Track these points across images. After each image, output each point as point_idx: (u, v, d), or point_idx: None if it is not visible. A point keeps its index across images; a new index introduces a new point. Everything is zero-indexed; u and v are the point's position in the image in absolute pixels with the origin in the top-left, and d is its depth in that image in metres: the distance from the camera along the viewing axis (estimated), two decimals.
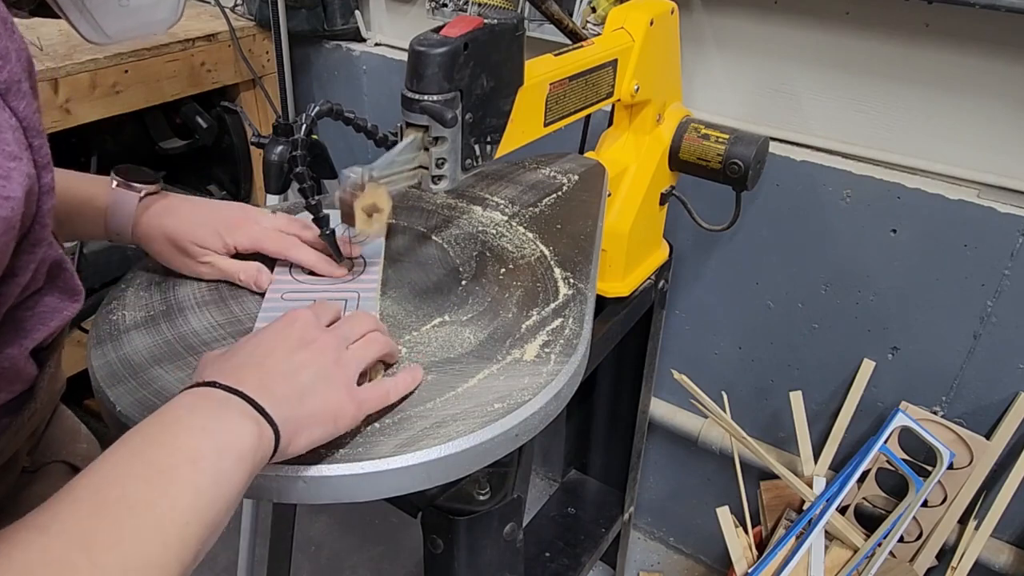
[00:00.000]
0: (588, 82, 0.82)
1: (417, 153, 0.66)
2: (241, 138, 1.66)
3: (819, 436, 1.33)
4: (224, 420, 0.46)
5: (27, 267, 0.37)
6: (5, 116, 0.33)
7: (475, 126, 0.67)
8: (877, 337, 1.23)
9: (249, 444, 0.46)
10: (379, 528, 1.73)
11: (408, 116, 0.64)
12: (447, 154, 0.65)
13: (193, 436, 0.44)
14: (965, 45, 1.02)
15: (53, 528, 0.37)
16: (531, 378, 0.61)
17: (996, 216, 1.05)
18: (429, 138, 0.64)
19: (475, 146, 0.68)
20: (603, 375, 1.37)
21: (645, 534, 1.75)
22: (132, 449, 0.43)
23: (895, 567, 1.23)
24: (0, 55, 0.34)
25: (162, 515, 0.40)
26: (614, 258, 1.00)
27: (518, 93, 0.71)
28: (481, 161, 0.69)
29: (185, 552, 0.41)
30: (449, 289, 0.74)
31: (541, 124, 0.78)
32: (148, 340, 0.65)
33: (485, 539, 0.75)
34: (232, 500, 0.45)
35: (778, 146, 1.19)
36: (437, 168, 0.66)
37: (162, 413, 0.46)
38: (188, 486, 0.42)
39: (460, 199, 0.91)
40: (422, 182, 0.67)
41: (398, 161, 0.64)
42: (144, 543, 0.39)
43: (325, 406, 0.52)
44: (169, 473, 0.42)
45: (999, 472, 1.17)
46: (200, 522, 0.42)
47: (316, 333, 0.55)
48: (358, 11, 1.59)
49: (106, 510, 0.39)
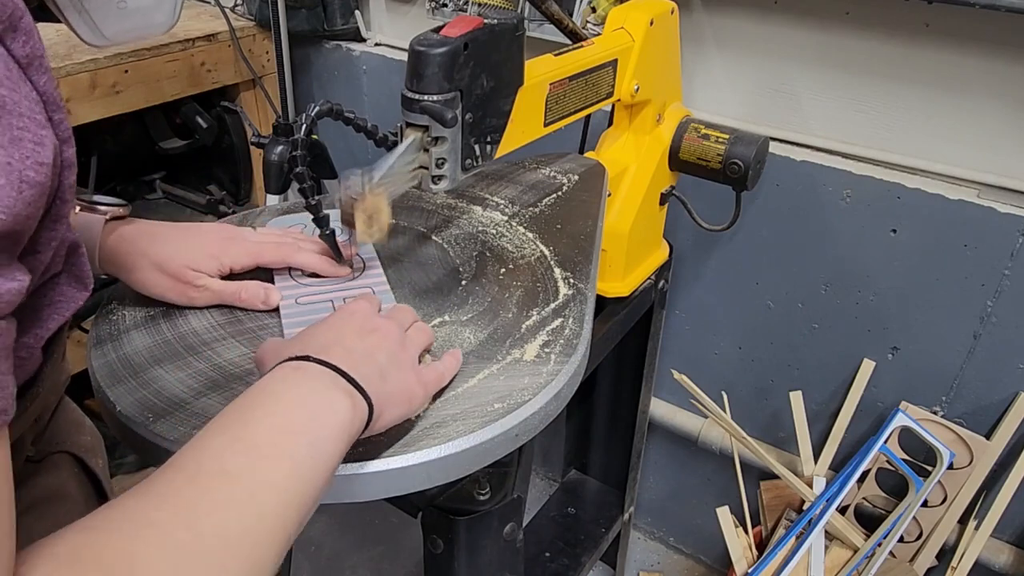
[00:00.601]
0: (588, 82, 0.82)
1: (417, 154, 0.66)
2: (241, 138, 1.66)
3: (819, 436, 1.33)
4: (320, 392, 0.47)
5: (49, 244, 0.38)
6: (27, 89, 0.34)
7: (475, 126, 0.67)
8: (877, 337, 1.23)
9: (345, 417, 0.47)
10: (379, 528, 1.73)
11: (408, 116, 0.64)
12: (447, 154, 0.65)
13: (290, 408, 0.45)
14: (965, 45, 1.02)
15: (155, 497, 0.39)
16: (531, 378, 0.61)
17: (996, 216, 1.05)
18: (429, 138, 0.64)
19: (475, 146, 0.68)
20: (603, 375, 1.37)
21: (645, 534, 1.75)
22: (229, 423, 0.44)
23: (895, 567, 1.23)
24: (25, 29, 0.34)
25: (259, 486, 0.41)
26: (614, 258, 1.00)
27: (518, 93, 0.71)
28: (481, 161, 0.69)
29: (283, 522, 0.41)
30: (449, 289, 0.74)
31: (541, 124, 0.78)
32: (148, 340, 0.65)
33: (485, 539, 0.75)
34: (329, 472, 0.45)
35: (778, 146, 1.19)
36: (437, 168, 0.66)
37: (257, 387, 0.47)
38: (285, 458, 0.43)
39: (460, 199, 0.91)
40: (422, 182, 0.67)
41: (398, 165, 0.64)
42: (241, 513, 0.39)
43: (401, 386, 0.54)
44: (266, 445, 0.43)
45: (999, 472, 1.17)
46: (298, 493, 0.42)
47: (378, 321, 0.57)
48: (358, 11, 1.59)
49: (205, 481, 0.40)
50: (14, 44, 0.34)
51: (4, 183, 0.32)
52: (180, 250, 0.67)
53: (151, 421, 0.56)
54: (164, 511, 0.38)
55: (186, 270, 0.67)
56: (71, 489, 0.61)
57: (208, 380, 0.60)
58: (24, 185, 0.33)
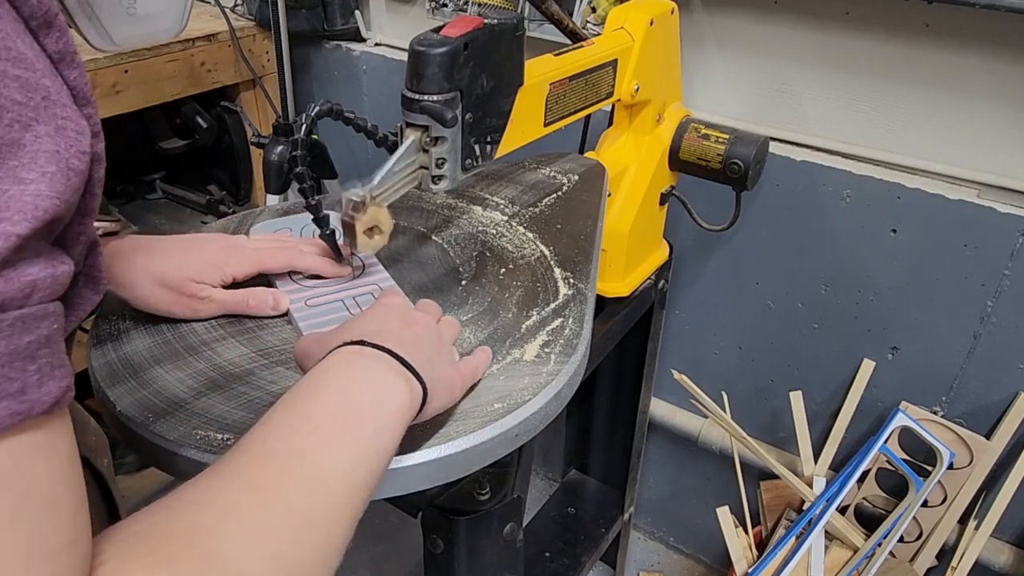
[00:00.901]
0: (588, 82, 0.82)
1: (417, 155, 0.66)
2: (241, 138, 1.66)
3: (819, 436, 1.33)
4: (380, 375, 0.48)
5: (78, 239, 0.38)
6: (58, 84, 0.35)
7: (475, 126, 0.67)
8: (877, 337, 1.23)
9: (404, 399, 0.48)
10: (379, 528, 1.73)
11: (408, 116, 0.64)
12: (447, 154, 0.65)
13: (353, 391, 0.46)
14: (965, 45, 1.02)
15: (225, 474, 0.40)
16: (531, 378, 0.61)
17: (996, 216, 1.05)
18: (429, 138, 0.64)
19: (475, 146, 0.68)
20: (603, 375, 1.37)
21: (645, 534, 1.75)
22: (292, 406, 0.45)
23: (895, 567, 1.23)
24: (59, 27, 0.35)
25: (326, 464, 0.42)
26: (614, 258, 1.00)
27: (518, 93, 0.71)
28: (481, 161, 0.69)
29: (350, 499, 0.42)
30: (449, 289, 0.74)
31: (541, 124, 0.78)
32: (148, 340, 0.65)
33: (485, 539, 0.75)
34: (390, 452, 0.46)
35: (778, 146, 1.19)
36: (437, 168, 0.66)
37: (319, 371, 0.48)
38: (349, 438, 0.44)
39: (460, 199, 0.91)
40: (422, 183, 0.67)
41: (398, 167, 0.64)
42: (308, 489, 0.41)
43: (445, 375, 0.55)
44: (332, 428, 0.44)
45: (999, 472, 1.17)
46: (363, 474, 0.44)
47: (415, 314, 0.58)
48: (358, 11, 1.59)
49: (273, 459, 0.41)
50: (47, 40, 0.35)
51: (55, 170, 0.32)
52: (181, 263, 0.66)
53: (151, 421, 0.56)
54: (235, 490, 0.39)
55: (189, 283, 0.66)
56: None
57: (208, 380, 0.60)
58: (71, 172, 0.34)
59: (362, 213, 0.62)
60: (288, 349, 0.64)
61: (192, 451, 0.54)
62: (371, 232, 0.64)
